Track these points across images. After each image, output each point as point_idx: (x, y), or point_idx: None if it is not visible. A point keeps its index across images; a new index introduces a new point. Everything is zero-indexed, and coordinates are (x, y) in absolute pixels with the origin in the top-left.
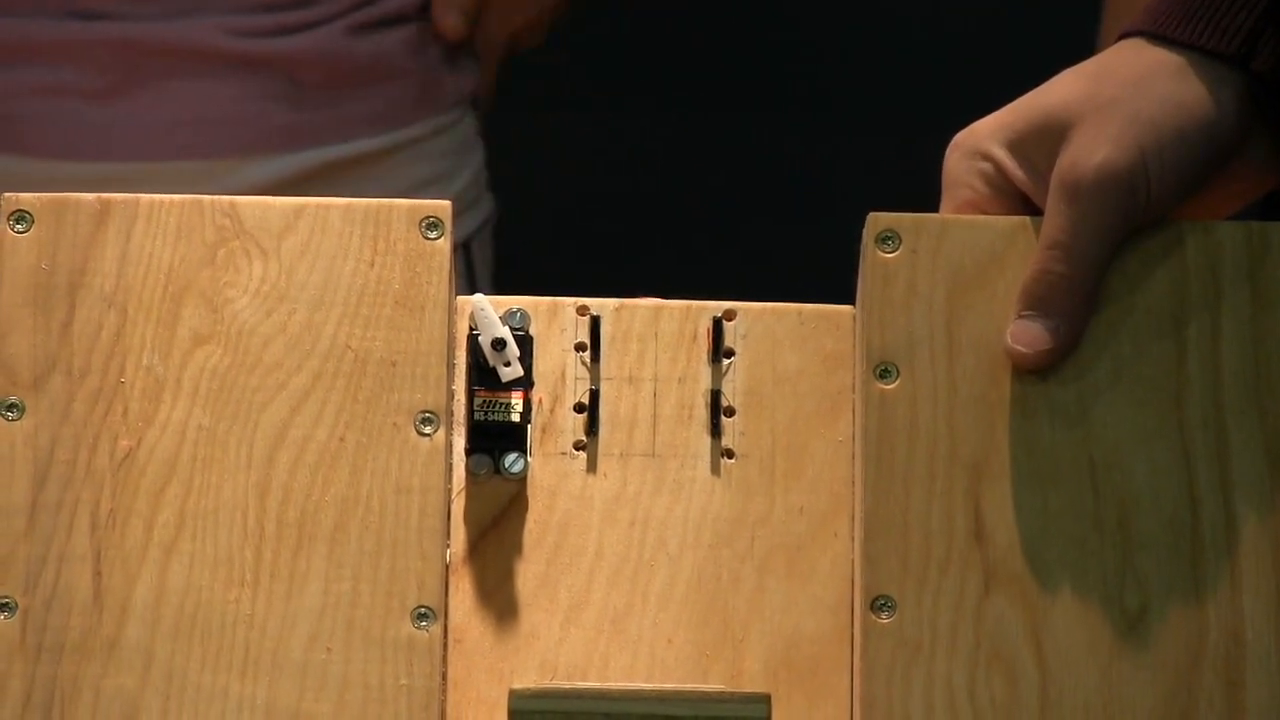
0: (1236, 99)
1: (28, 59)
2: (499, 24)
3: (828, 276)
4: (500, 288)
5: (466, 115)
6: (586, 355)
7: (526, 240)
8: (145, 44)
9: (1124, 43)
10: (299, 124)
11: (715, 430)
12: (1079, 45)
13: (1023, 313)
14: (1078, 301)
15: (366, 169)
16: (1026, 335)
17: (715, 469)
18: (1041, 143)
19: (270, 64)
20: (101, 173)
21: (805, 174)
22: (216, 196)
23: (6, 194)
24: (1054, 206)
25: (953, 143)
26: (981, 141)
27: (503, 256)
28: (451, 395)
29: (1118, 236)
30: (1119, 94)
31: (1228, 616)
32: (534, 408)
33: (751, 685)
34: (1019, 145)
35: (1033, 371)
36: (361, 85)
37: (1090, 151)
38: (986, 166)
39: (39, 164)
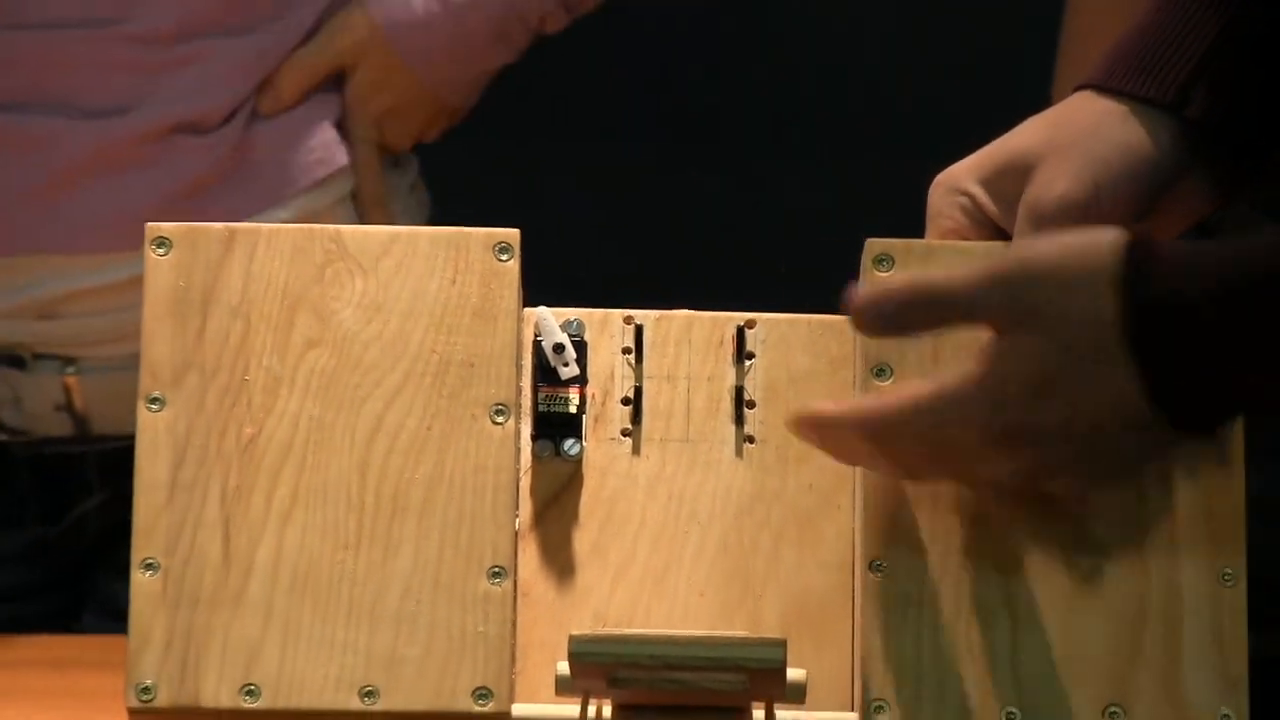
0: (1173, 142)
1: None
2: (397, 135)
3: (833, 292)
4: (558, 300)
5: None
6: (631, 357)
7: (581, 259)
8: (71, 143)
9: (1079, 94)
10: (217, 209)
11: (739, 419)
12: (1039, 97)
13: None
14: None
15: None
16: None
17: (739, 452)
18: (1010, 179)
19: (178, 158)
20: (32, 264)
21: (812, 207)
22: (324, 225)
23: (149, 223)
24: (1021, 230)
25: (935, 181)
26: (959, 179)
27: (563, 273)
28: (520, 391)
29: None
30: (1076, 137)
31: (1168, 576)
32: (588, 401)
33: (769, 632)
34: (991, 182)
35: None
36: (266, 167)
37: (1051, 185)
38: (964, 200)
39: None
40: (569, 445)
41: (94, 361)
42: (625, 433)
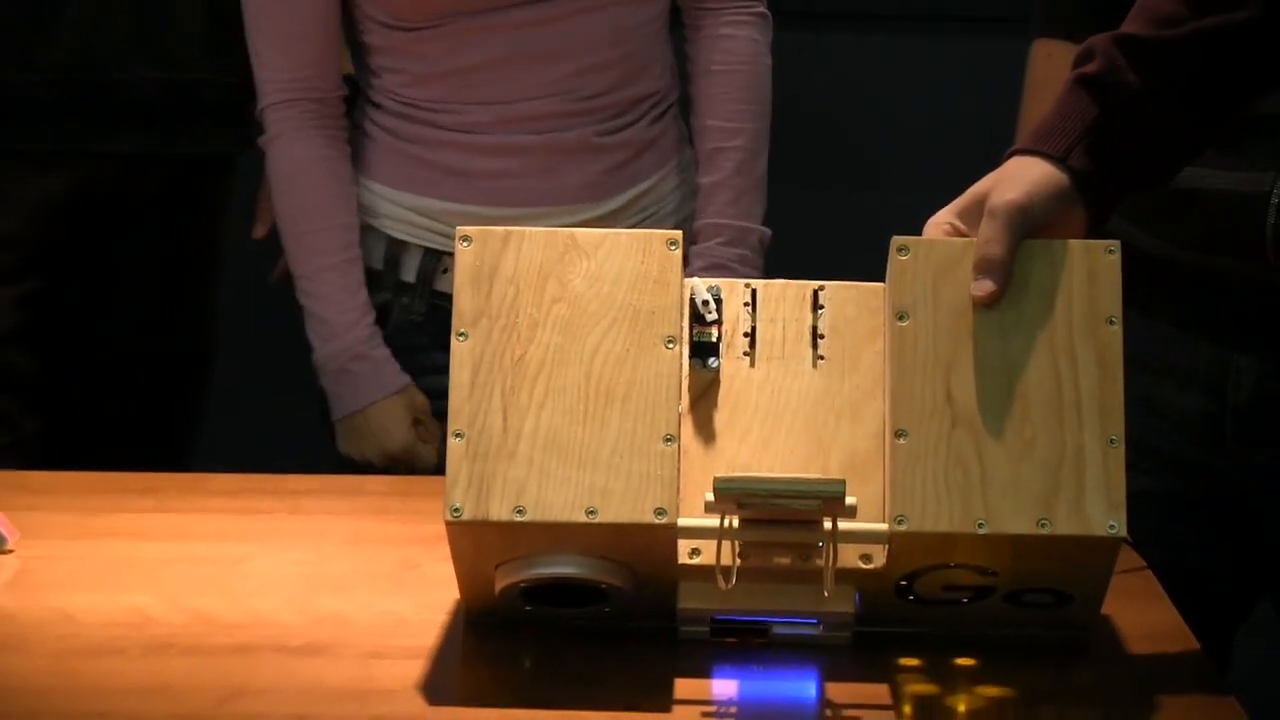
0: (1066, 181)
1: (486, 154)
2: None
3: (872, 270)
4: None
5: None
6: (750, 308)
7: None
8: (550, 145)
9: (1011, 159)
10: (614, 183)
11: (815, 346)
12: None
13: (978, 277)
14: (1003, 270)
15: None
16: (981, 288)
17: (814, 365)
18: (975, 209)
19: (600, 151)
20: (513, 214)
21: (863, 223)
22: (563, 228)
23: (459, 227)
24: (986, 223)
25: (928, 222)
26: (943, 215)
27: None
28: (682, 329)
29: (1019, 238)
30: (1014, 174)
31: (1075, 441)
32: (723, 335)
33: (834, 475)
34: (964, 213)
35: (985, 305)
36: (638, 157)
37: (1004, 196)
38: (947, 227)
39: (488, 209)
40: (711, 361)
41: None
42: (745, 354)
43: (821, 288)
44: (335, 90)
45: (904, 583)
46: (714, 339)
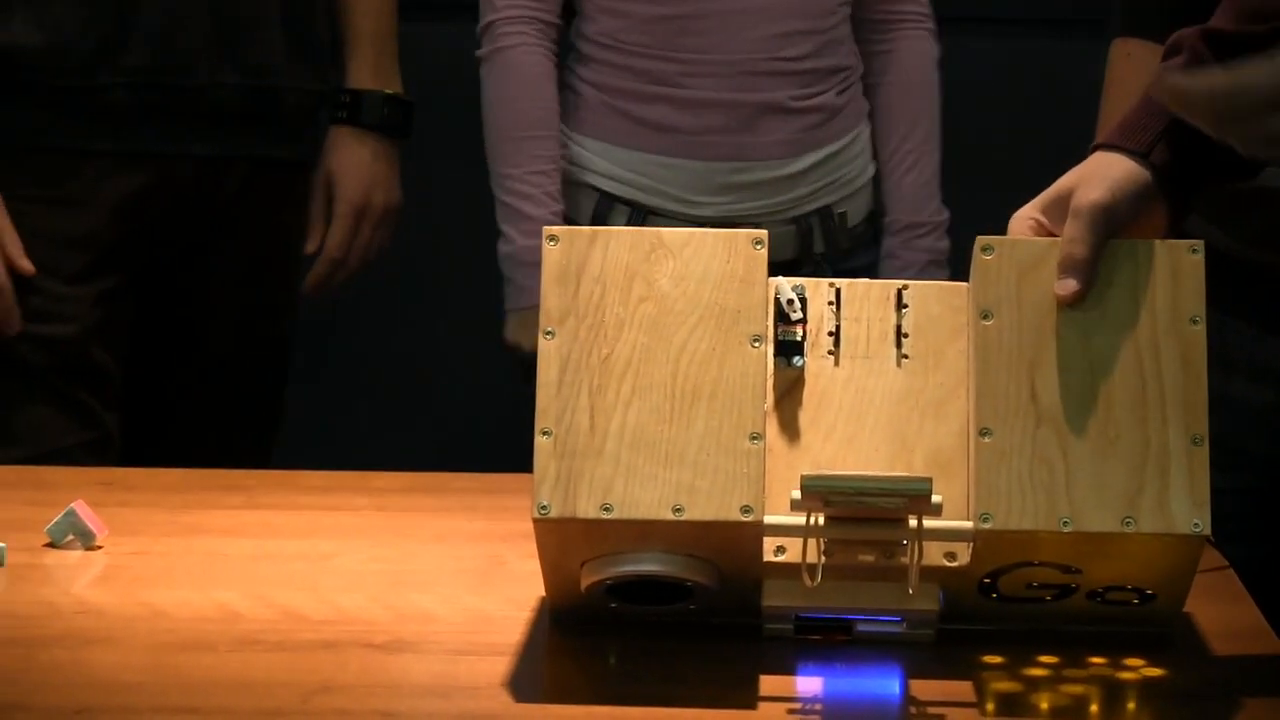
0: (1148, 177)
1: (685, 107)
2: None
3: (955, 269)
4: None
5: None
6: (834, 307)
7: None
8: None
9: (1094, 154)
10: (806, 142)
11: (899, 344)
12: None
13: (1062, 276)
14: (1087, 269)
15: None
16: (1065, 287)
17: (898, 364)
18: (1059, 205)
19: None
20: (712, 168)
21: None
22: (649, 228)
23: (546, 228)
24: (1070, 223)
25: (1014, 216)
26: (1027, 211)
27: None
28: (767, 328)
29: (1103, 238)
30: (1097, 171)
31: (1160, 440)
32: (808, 334)
33: (919, 473)
34: (1048, 209)
35: (1069, 304)
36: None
37: (1089, 195)
38: (1032, 223)
39: (688, 162)
40: (796, 360)
41: None
42: (830, 352)
43: (905, 287)
44: (557, 17)
45: (988, 580)
46: (799, 338)
